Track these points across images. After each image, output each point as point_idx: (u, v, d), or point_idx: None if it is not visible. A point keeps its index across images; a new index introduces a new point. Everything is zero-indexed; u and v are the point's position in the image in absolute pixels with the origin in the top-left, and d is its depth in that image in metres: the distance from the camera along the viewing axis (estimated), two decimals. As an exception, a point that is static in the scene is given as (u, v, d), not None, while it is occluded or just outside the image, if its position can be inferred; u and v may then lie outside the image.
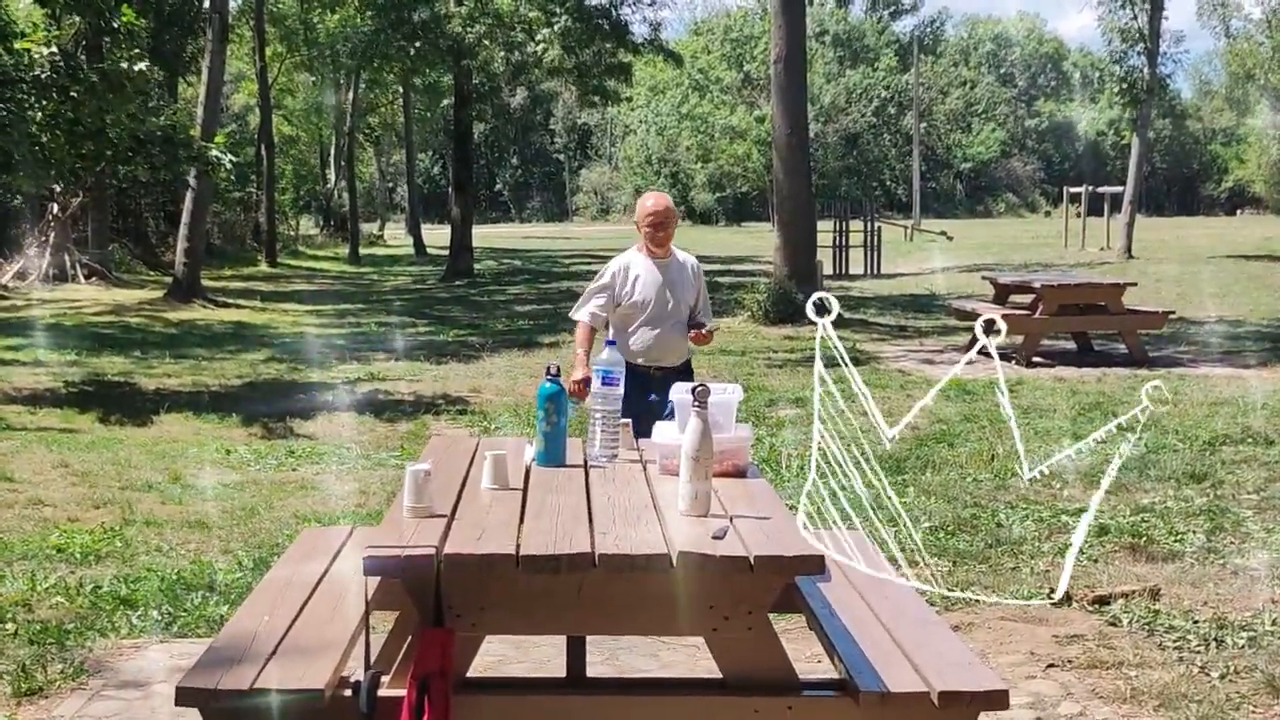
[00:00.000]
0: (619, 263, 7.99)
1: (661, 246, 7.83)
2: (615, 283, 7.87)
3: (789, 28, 22.74)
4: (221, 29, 27.59)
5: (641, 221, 7.85)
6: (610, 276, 7.91)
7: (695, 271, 8.09)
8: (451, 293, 32.37)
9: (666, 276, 7.86)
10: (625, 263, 7.94)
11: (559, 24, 34.32)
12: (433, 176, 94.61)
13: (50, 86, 14.21)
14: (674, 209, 7.95)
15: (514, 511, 4.10)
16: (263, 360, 18.53)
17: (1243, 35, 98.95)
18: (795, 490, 9.99)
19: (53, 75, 14.09)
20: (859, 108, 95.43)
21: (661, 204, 7.89)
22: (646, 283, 7.83)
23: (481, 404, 14.54)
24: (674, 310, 7.83)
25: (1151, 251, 40.60)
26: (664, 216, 7.81)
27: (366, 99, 53.48)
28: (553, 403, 4.77)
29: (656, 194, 8.10)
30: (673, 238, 7.96)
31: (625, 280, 7.85)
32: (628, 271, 7.88)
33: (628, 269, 7.88)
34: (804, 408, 13.81)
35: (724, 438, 4.61)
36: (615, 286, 7.86)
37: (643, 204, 7.91)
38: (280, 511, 9.40)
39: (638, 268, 7.87)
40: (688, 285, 7.95)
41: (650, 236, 7.81)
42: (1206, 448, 11.29)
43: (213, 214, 40.52)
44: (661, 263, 7.88)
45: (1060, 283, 17.56)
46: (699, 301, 8.04)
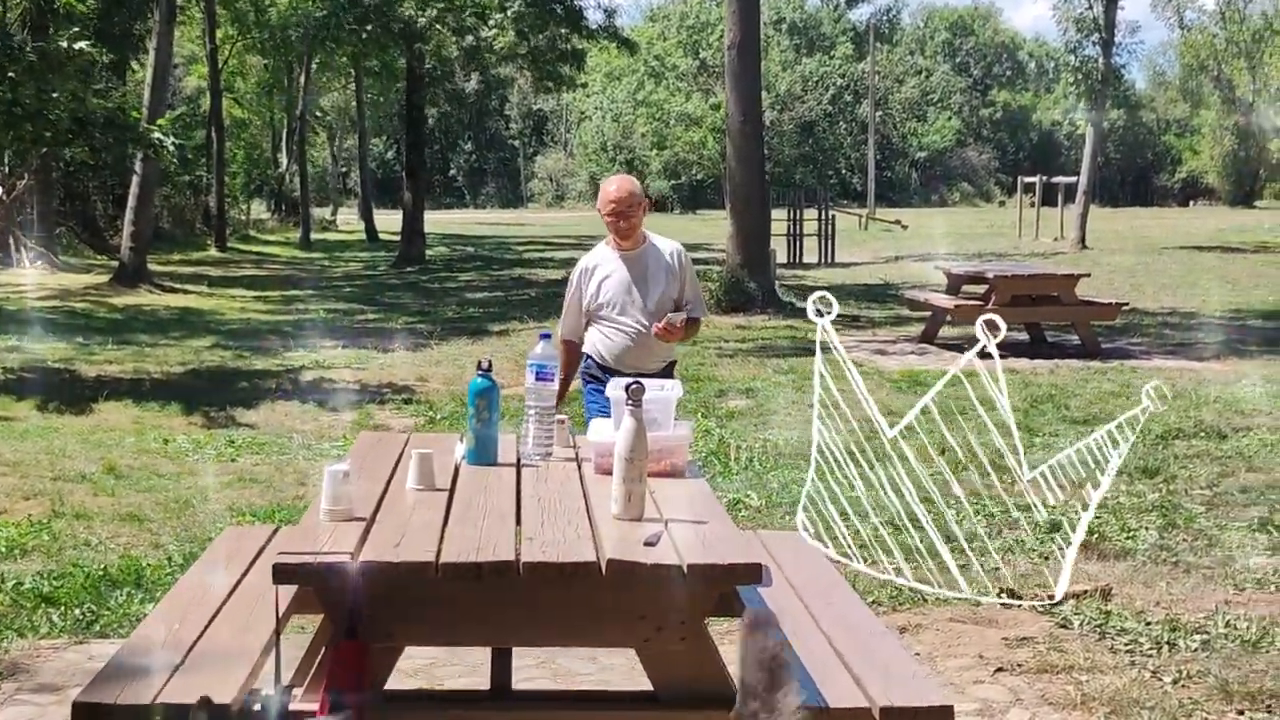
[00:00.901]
0: (585, 262, 7.24)
1: (627, 238, 7.02)
2: (581, 288, 7.13)
3: (743, 13, 22.54)
4: (169, 10, 27.20)
5: (602, 210, 7.05)
6: (576, 283, 7.18)
7: (678, 260, 7.19)
8: (402, 279, 32.07)
9: (636, 271, 7.05)
10: (591, 262, 7.18)
11: (512, 8, 34.05)
12: (386, 161, 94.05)
13: (-15, 66, 13.88)
14: (638, 194, 7.05)
15: (438, 514, 3.89)
16: (207, 347, 18.24)
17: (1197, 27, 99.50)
18: (744, 484, 9.84)
19: (-12, 55, 13.76)
20: (815, 96, 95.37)
21: (623, 190, 7.01)
22: (613, 280, 7.05)
23: (428, 393, 14.31)
24: (648, 308, 7.01)
25: (1105, 242, 40.60)
26: (625, 204, 6.94)
27: (318, 82, 53.02)
28: (484, 399, 4.57)
29: (619, 179, 7.23)
30: (640, 226, 7.09)
31: (590, 281, 7.10)
32: (593, 272, 7.12)
33: (594, 269, 7.12)
34: (754, 399, 13.66)
35: (661, 436, 4.43)
36: (581, 291, 7.12)
37: (603, 190, 7.10)
38: (215, 504, 9.17)
39: (604, 264, 7.11)
40: (669, 277, 7.10)
41: (613, 227, 7.01)
42: (1159, 442, 11.18)
43: (162, 198, 40.06)
44: (631, 255, 7.07)
45: (1013, 273, 17.48)
46: (684, 293, 7.17)
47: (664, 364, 7.21)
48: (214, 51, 41.88)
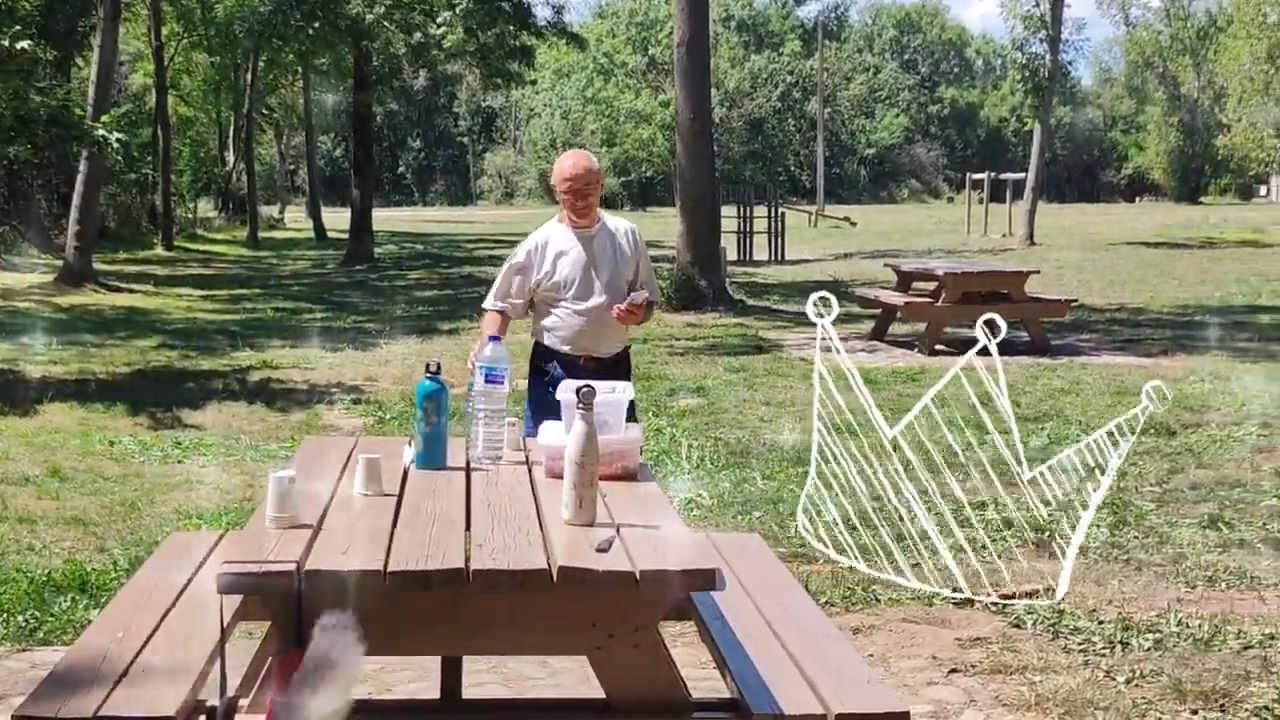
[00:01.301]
0: (537, 238, 6.89)
1: (584, 215, 6.73)
2: (532, 262, 6.79)
3: (693, 10, 22.52)
4: (113, 6, 26.95)
5: (558, 186, 6.75)
6: (525, 255, 6.82)
7: (632, 240, 6.95)
8: (351, 278, 31.91)
9: (593, 250, 6.76)
10: (544, 237, 6.86)
11: (460, 5, 33.92)
12: (334, 159, 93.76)
13: (-72, 64, 13.69)
14: (597, 170, 6.81)
15: (386, 520, 3.82)
16: (154, 347, 18.07)
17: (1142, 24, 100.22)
18: (695, 482, 9.80)
19: (-73, 53, 13.56)
20: (764, 93, 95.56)
21: (580, 165, 6.71)
22: (569, 259, 6.75)
23: (377, 393, 14.20)
24: (605, 287, 6.74)
25: (1053, 238, 40.82)
26: (584, 181, 6.67)
27: (265, 80, 52.70)
28: (432, 401, 4.50)
29: (575, 153, 6.94)
30: (597, 204, 6.86)
31: (544, 258, 6.77)
32: (546, 248, 6.80)
33: (546, 245, 6.81)
34: (705, 397, 13.62)
35: (612, 439, 4.37)
36: (533, 266, 6.78)
37: (560, 166, 6.77)
38: (162, 507, 9.07)
39: (559, 242, 6.81)
40: (622, 258, 6.84)
41: (569, 204, 6.73)
42: (1107, 437, 11.19)
43: (108, 196, 39.70)
44: (586, 234, 6.78)
45: (963, 270, 17.50)
46: (639, 275, 6.95)
47: (620, 348, 6.98)
48: (159, 48, 41.57)
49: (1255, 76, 59.55)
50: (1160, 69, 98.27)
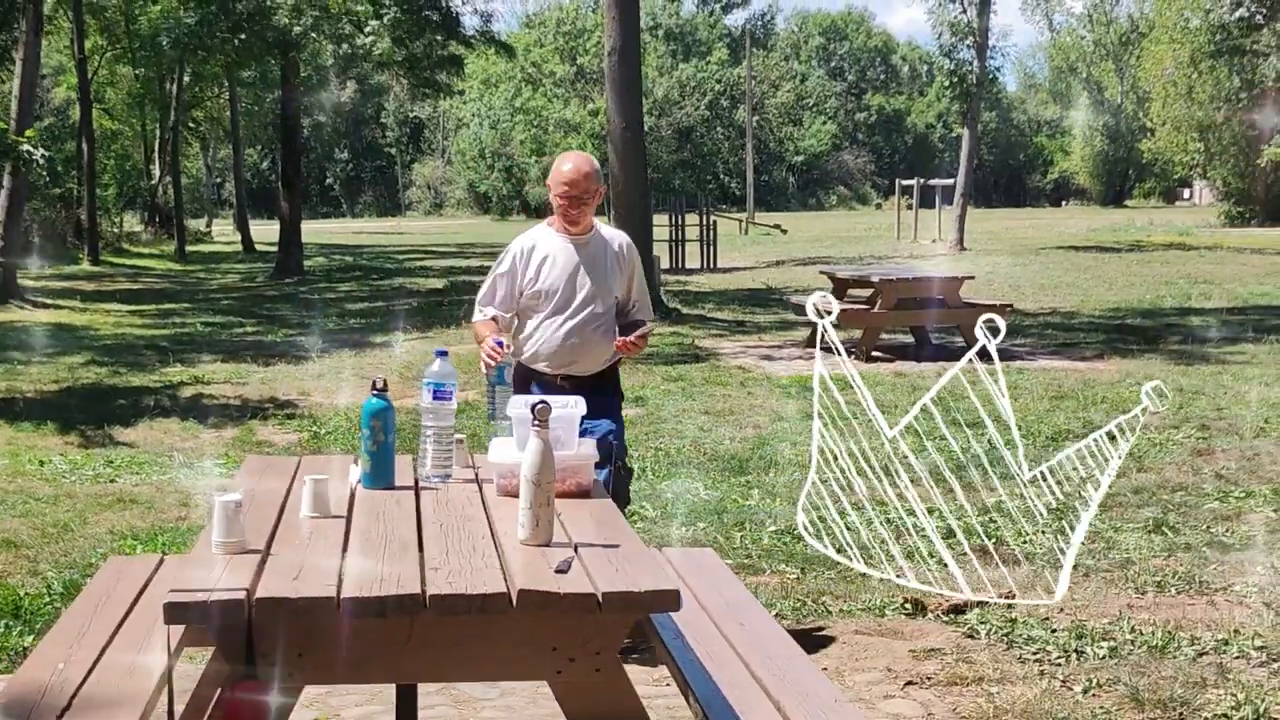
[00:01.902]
0: (523, 241, 6.35)
1: (577, 224, 6.25)
2: (516, 268, 6.25)
3: (622, 19, 22.43)
4: (36, 20, 26.60)
5: (552, 190, 6.24)
6: (510, 261, 6.28)
7: (625, 252, 6.42)
8: (281, 290, 31.62)
9: (584, 258, 6.25)
10: (530, 242, 6.31)
11: (388, 15, 33.71)
12: (261, 171, 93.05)
13: None
14: (596, 175, 6.21)
15: (336, 544, 3.70)
16: (82, 364, 17.78)
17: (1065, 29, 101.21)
18: (638, 495, 9.69)
19: None
20: (692, 101, 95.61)
21: (579, 170, 6.14)
22: (556, 265, 6.21)
23: (310, 407, 14.03)
24: (591, 300, 6.21)
25: (983, 243, 41.04)
26: (581, 188, 6.13)
27: (191, 92, 52.24)
28: (378, 420, 4.39)
29: (576, 155, 6.36)
30: (593, 213, 6.35)
31: (528, 263, 6.24)
32: (532, 252, 6.26)
33: (532, 249, 6.27)
34: (644, 406, 13.54)
35: (566, 455, 4.28)
36: (517, 272, 6.25)
37: (556, 169, 6.23)
38: (95, 527, 8.89)
39: (546, 247, 6.27)
40: (613, 270, 6.31)
41: (562, 211, 6.21)
42: (1049, 443, 11.20)
43: (32, 210, 39.17)
44: (578, 240, 6.27)
45: (898, 276, 17.50)
46: (632, 291, 6.43)
47: (602, 366, 6.37)
48: (83, 61, 41.04)
49: (1178, 81, 60.17)
50: (1084, 74, 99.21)
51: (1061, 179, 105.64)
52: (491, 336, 5.90)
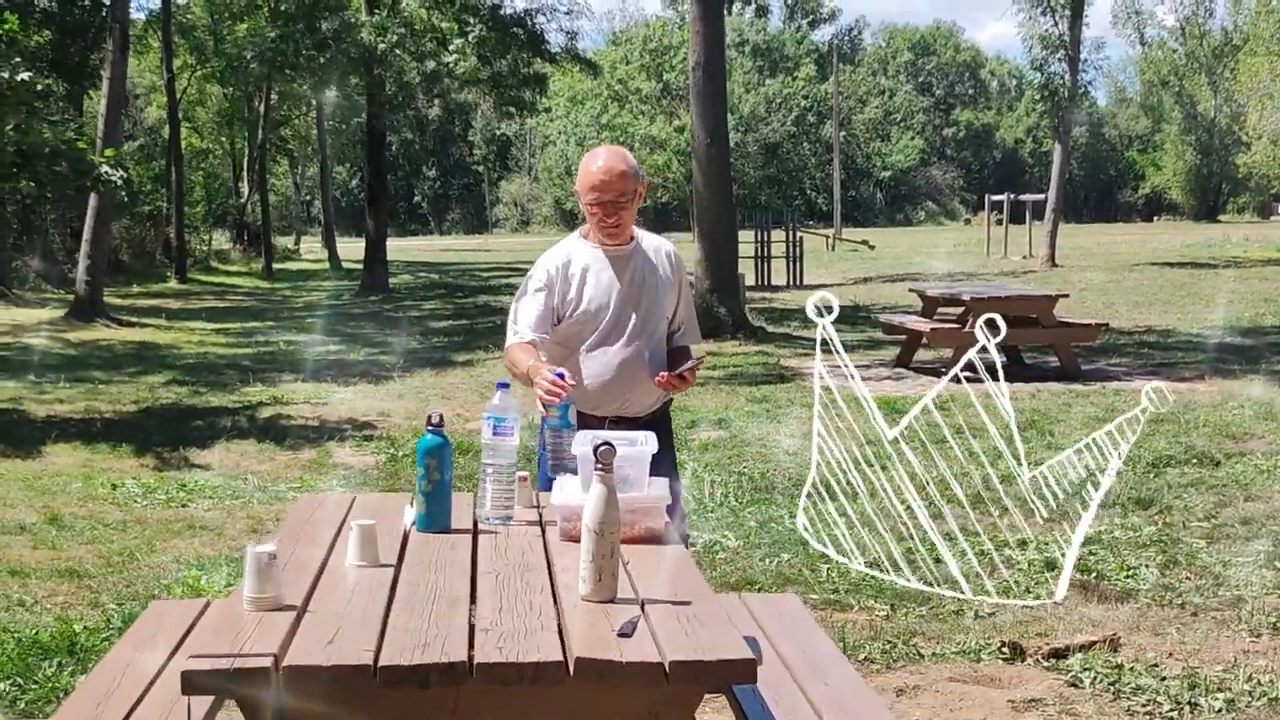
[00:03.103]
0: (556, 257, 5.29)
1: (614, 236, 5.23)
2: (553, 284, 5.23)
3: (708, 34, 22.14)
4: (122, 40, 26.64)
5: (582, 196, 5.19)
6: (546, 277, 5.24)
7: (672, 263, 5.45)
8: (365, 309, 31.53)
9: (629, 273, 5.25)
10: (564, 256, 5.28)
11: (473, 33, 33.61)
12: (350, 189, 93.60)
13: (-74, 98, 13.32)
14: (633, 173, 5.19)
15: (380, 599, 3.35)
16: (163, 383, 17.65)
17: (1157, 43, 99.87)
18: (720, 523, 9.36)
19: (-74, 85, 13.19)
20: (778, 117, 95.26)
21: (614, 169, 5.12)
22: (599, 284, 5.21)
23: (389, 429, 13.78)
24: (644, 324, 5.27)
25: (1074, 259, 40.33)
26: (616, 190, 5.13)
27: (278, 111, 52.48)
28: (434, 458, 4.06)
29: (609, 151, 5.26)
30: (633, 220, 5.30)
31: (567, 282, 5.23)
32: (568, 269, 5.24)
33: (568, 265, 5.24)
34: (727, 429, 13.19)
35: (636, 496, 3.94)
36: (553, 290, 5.23)
37: (585, 169, 5.18)
38: (162, 556, 8.65)
39: (583, 262, 5.25)
40: (662, 285, 5.34)
41: (597, 221, 5.19)
42: (1150, 470, 10.75)
43: (122, 229, 39.44)
44: (619, 253, 5.27)
45: (990, 295, 17.02)
46: (679, 309, 5.48)
47: (657, 404, 5.46)
48: (171, 81, 41.31)
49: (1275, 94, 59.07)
50: (1176, 88, 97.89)
51: (1153, 194, 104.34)
52: (546, 367, 4.82)
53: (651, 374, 5.27)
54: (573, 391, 4.73)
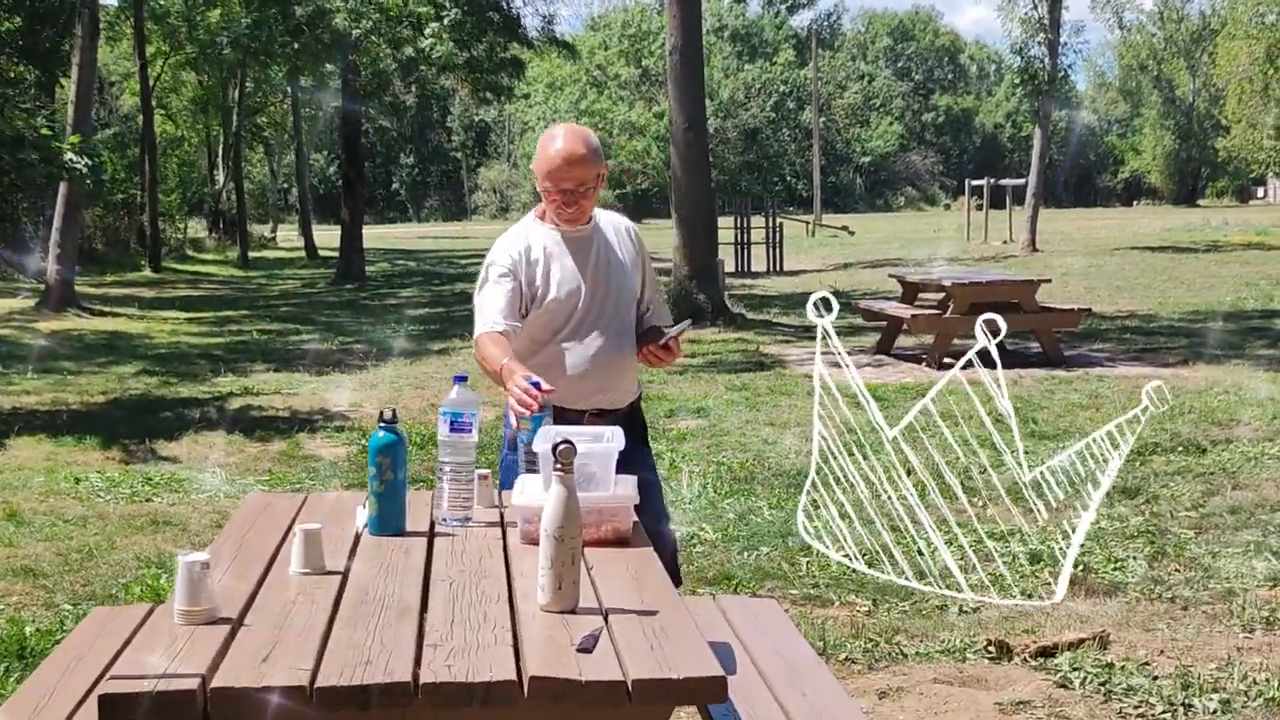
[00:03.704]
0: (515, 241, 4.86)
1: (573, 221, 4.84)
2: (517, 270, 4.78)
3: (684, 17, 21.89)
4: (92, 25, 26.25)
5: (541, 179, 4.77)
6: (510, 262, 4.78)
7: (634, 241, 5.05)
8: (340, 297, 31.25)
9: (593, 255, 4.86)
10: (523, 241, 4.85)
11: (449, 17, 33.30)
12: (328, 177, 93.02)
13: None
14: (596, 155, 4.79)
15: (324, 610, 3.09)
16: (133, 374, 17.36)
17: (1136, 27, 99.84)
18: (698, 514, 9.13)
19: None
20: (758, 103, 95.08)
21: (574, 153, 4.71)
22: (564, 268, 4.81)
23: (362, 419, 13.51)
24: (616, 308, 4.89)
25: (1054, 244, 40.16)
26: (577, 177, 4.72)
27: (253, 98, 52.08)
28: (386, 456, 3.82)
29: (567, 131, 4.83)
30: (594, 205, 4.90)
31: (530, 267, 4.80)
32: (529, 253, 4.81)
33: (528, 249, 4.81)
34: (706, 418, 12.96)
35: (602, 496, 3.70)
36: (519, 276, 4.78)
37: (543, 152, 4.75)
38: (123, 553, 8.38)
39: (544, 244, 4.83)
40: (628, 265, 4.96)
41: (556, 208, 4.79)
42: (1136, 458, 10.51)
43: (95, 217, 39.07)
44: (580, 234, 4.87)
45: (971, 280, 16.80)
46: (644, 289, 5.07)
47: (632, 396, 5.07)
48: (144, 67, 40.91)
49: (1254, 77, 59.03)
50: (1155, 72, 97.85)
51: (1132, 178, 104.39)
52: (521, 373, 4.32)
53: (631, 364, 4.97)
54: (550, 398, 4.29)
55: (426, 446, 10.85)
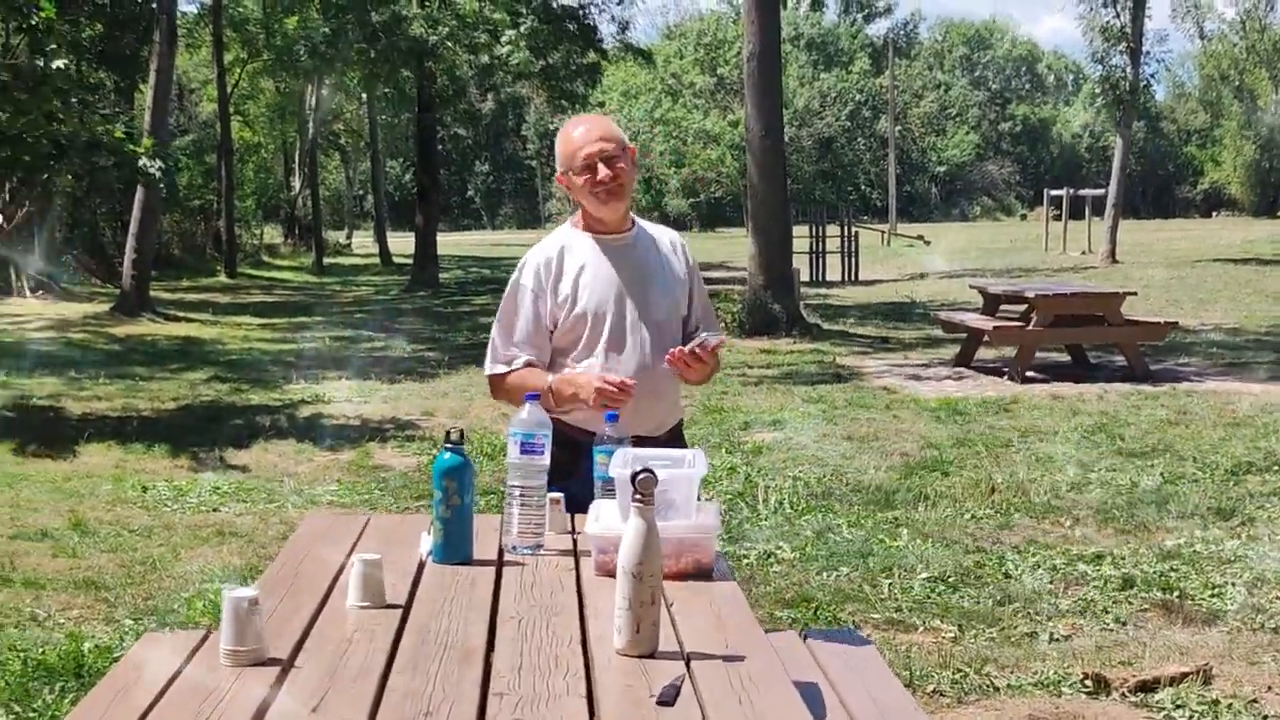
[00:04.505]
0: (546, 250, 4.54)
1: (612, 207, 4.45)
2: (543, 283, 4.47)
3: (762, 23, 21.63)
4: (170, 31, 26.31)
5: (574, 160, 4.42)
6: (534, 277, 4.48)
7: (682, 253, 4.68)
8: (414, 304, 31.17)
9: (632, 265, 4.50)
10: (555, 249, 4.52)
11: (525, 25, 33.16)
12: (404, 184, 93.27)
13: (-43, 88, 12.93)
14: (619, 132, 4.51)
15: (382, 651, 2.84)
16: (204, 380, 17.28)
17: (1217, 36, 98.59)
18: (774, 531, 8.85)
19: (-41, 75, 12.79)
20: (833, 111, 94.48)
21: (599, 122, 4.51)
22: (596, 282, 4.45)
23: (433, 429, 13.32)
24: (657, 325, 4.51)
25: (1134, 255, 39.53)
26: (613, 140, 4.43)
27: (330, 104, 52.22)
28: (453, 480, 3.56)
29: (589, 118, 4.62)
30: (632, 186, 4.57)
31: (559, 276, 4.47)
32: (561, 264, 4.48)
33: (561, 258, 4.49)
34: (782, 430, 12.69)
35: (681, 525, 3.44)
36: (543, 289, 4.47)
37: (567, 135, 4.49)
38: (187, 565, 8.22)
39: (578, 252, 4.50)
40: (672, 278, 4.59)
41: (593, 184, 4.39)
42: (1229, 477, 10.18)
43: (173, 223, 39.27)
44: (619, 242, 4.53)
45: (1055, 292, 16.42)
46: (693, 303, 4.67)
47: (674, 421, 4.69)
48: (222, 74, 41.13)
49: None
50: (1236, 82, 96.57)
51: (1212, 189, 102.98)
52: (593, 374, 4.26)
53: (673, 386, 4.59)
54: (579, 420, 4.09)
55: (497, 458, 10.66)
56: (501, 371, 4.51)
